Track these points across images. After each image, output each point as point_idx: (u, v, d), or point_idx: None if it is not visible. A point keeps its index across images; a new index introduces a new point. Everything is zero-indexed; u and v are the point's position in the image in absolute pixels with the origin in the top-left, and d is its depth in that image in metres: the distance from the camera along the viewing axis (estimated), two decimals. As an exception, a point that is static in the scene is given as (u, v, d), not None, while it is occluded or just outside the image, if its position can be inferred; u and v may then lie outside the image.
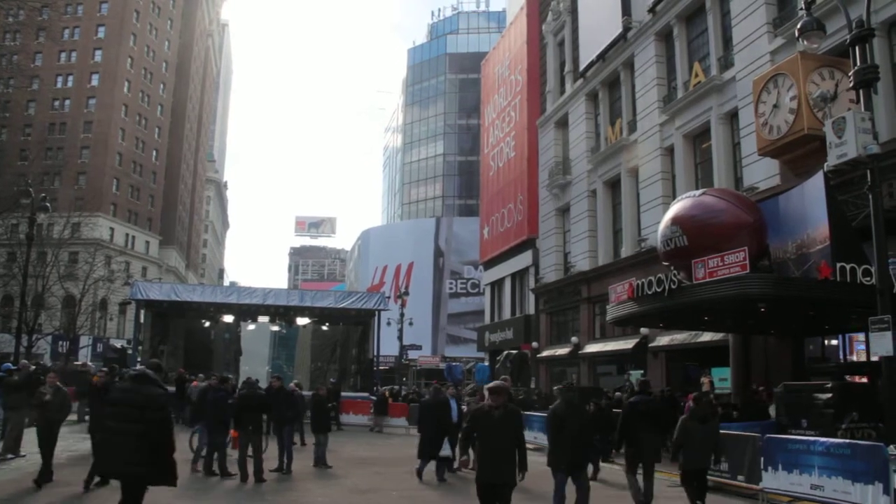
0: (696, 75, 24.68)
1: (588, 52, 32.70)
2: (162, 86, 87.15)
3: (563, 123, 36.08)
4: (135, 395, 6.86)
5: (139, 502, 6.83)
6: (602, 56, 31.45)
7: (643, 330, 25.33)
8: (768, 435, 12.64)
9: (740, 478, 12.61)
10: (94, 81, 78.78)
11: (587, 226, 32.11)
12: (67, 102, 78.52)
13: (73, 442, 18.34)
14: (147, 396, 6.87)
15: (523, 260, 40.24)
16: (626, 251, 28.65)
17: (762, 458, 11.97)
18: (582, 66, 33.29)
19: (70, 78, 78.95)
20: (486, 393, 8.04)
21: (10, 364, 15.62)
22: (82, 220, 55.52)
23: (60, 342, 46.60)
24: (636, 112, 28.81)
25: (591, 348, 30.56)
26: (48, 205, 29.84)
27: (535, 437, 21.16)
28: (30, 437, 13.53)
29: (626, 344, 27.11)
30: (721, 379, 22.26)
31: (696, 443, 10.07)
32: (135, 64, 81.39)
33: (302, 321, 33.81)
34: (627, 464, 11.25)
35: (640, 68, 28.60)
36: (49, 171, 68.35)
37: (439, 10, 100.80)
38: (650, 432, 11.15)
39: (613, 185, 30.69)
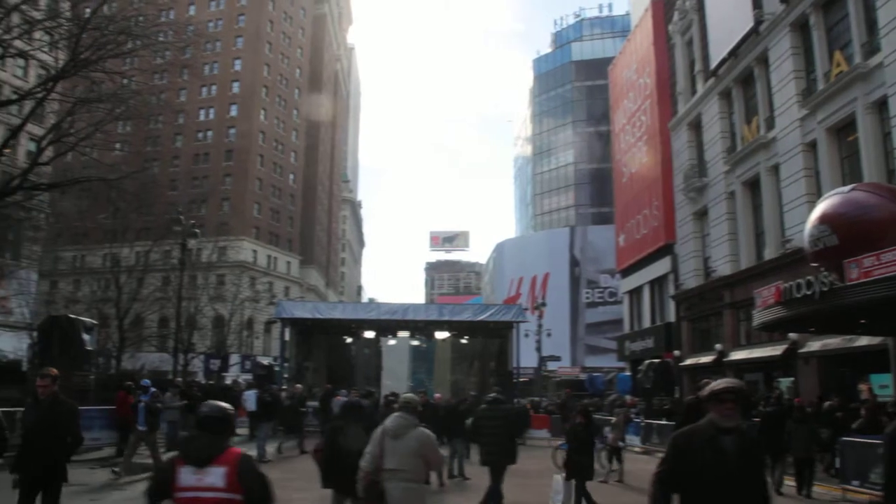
0: (838, 65, 23.42)
1: (718, 50, 31.71)
2: (295, 111, 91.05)
3: (696, 125, 35.09)
4: (497, 410, 11.26)
5: (503, 477, 10.92)
6: (733, 52, 30.40)
7: (792, 335, 24.17)
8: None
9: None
10: (234, 112, 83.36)
11: (727, 229, 31.04)
12: (210, 133, 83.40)
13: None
14: (504, 410, 11.47)
15: (661, 266, 39.31)
16: (769, 253, 27.48)
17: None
18: (713, 65, 32.29)
19: (211, 110, 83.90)
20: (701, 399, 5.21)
21: (147, 381, 16.60)
22: (228, 243, 58.68)
23: (212, 360, 49.06)
24: (773, 108, 27.63)
25: (737, 355, 29.41)
26: (197, 231, 31.82)
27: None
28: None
29: (774, 350, 25.91)
30: (881, 386, 20.92)
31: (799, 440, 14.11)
32: (270, 92, 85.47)
33: (441, 335, 34.29)
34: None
35: (775, 62, 27.44)
36: (196, 199, 72.57)
37: (561, 18, 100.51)
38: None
39: (753, 185, 29.54)
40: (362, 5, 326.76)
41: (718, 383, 4.49)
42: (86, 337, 21.79)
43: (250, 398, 24.74)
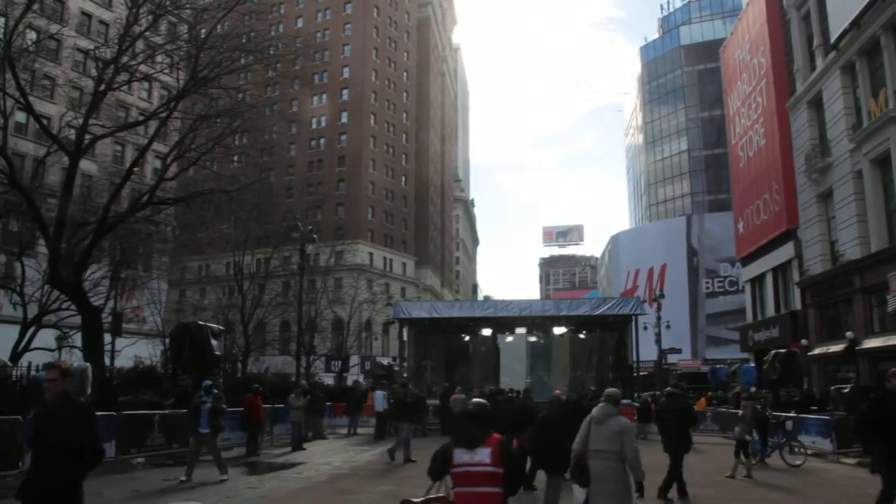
0: (973, 29, 21.90)
1: (839, 21, 30.12)
2: (405, 114, 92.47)
3: (816, 103, 33.49)
4: (674, 404, 12.61)
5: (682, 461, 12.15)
6: (856, 22, 28.78)
7: (932, 319, 22.77)
8: None
9: None
10: (344, 118, 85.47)
11: (854, 210, 29.45)
12: (322, 141, 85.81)
13: (354, 454, 19.84)
14: (681, 405, 12.67)
15: (784, 252, 37.78)
16: (903, 234, 25.96)
17: None
18: (833, 38, 30.69)
19: (323, 118, 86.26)
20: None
21: (209, 381, 16.32)
22: (344, 247, 60.20)
23: (332, 362, 50.31)
24: (902, 79, 26.05)
25: (870, 343, 27.84)
26: (315, 236, 32.80)
27: (812, 442, 19.94)
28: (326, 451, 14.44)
29: (913, 337, 24.47)
30: None
31: None
32: (378, 97, 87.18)
33: (558, 330, 34.06)
34: None
35: (903, 29, 25.87)
36: (312, 205, 74.83)
37: (668, 2, 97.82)
38: None
39: (882, 162, 27.89)
40: (464, 4, 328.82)
41: None
42: (214, 342, 22.75)
43: (379, 398, 25.24)
